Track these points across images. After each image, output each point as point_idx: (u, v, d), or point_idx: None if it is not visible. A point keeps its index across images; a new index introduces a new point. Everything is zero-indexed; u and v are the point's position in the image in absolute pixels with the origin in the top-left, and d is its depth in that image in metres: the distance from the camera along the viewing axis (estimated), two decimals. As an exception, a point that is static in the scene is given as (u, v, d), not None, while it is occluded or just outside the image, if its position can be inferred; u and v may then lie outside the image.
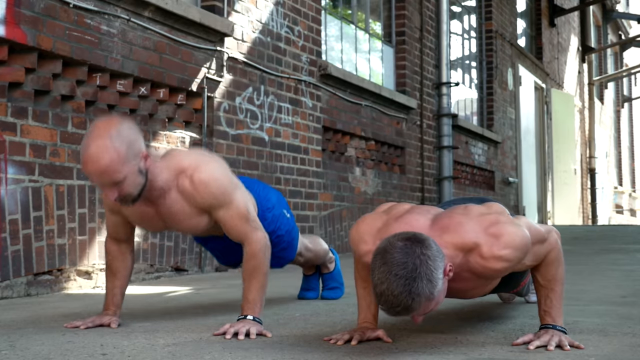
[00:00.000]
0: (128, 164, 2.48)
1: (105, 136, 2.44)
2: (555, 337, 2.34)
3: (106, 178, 2.47)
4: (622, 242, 8.04)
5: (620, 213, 20.68)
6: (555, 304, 2.42)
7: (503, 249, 2.28)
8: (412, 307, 2.09)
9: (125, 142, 2.47)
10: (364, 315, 2.55)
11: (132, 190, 2.54)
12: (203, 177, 2.66)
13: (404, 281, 2.06)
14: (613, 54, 21.98)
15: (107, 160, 2.43)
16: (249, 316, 2.65)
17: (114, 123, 2.50)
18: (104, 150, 2.43)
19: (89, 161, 2.44)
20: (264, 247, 2.74)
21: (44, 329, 2.77)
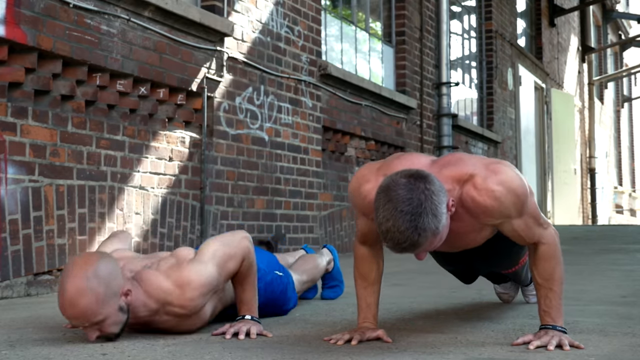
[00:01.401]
0: (107, 304, 2.37)
1: (82, 277, 2.33)
2: (555, 337, 2.33)
3: (84, 321, 2.37)
4: (622, 242, 8.04)
5: (620, 213, 20.68)
6: (555, 303, 2.41)
7: (497, 185, 2.27)
8: (419, 242, 2.09)
9: (103, 283, 2.36)
10: (363, 315, 2.55)
11: (114, 329, 2.45)
12: (192, 296, 2.52)
13: (409, 217, 2.06)
14: (613, 54, 21.97)
15: (84, 304, 2.32)
16: (248, 316, 2.66)
17: (91, 261, 2.39)
18: (80, 293, 2.32)
19: (66, 306, 2.34)
20: (249, 252, 2.69)
21: (44, 329, 2.77)
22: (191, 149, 5.16)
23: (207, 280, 2.56)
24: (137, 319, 2.54)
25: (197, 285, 2.52)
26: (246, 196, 5.67)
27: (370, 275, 2.57)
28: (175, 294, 2.51)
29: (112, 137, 4.48)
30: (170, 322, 2.59)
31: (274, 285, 3.05)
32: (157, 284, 2.53)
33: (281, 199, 6.11)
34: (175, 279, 2.53)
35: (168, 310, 2.55)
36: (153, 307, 2.53)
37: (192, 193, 5.13)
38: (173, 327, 2.63)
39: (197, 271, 2.55)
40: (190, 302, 2.52)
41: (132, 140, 4.64)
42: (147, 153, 4.75)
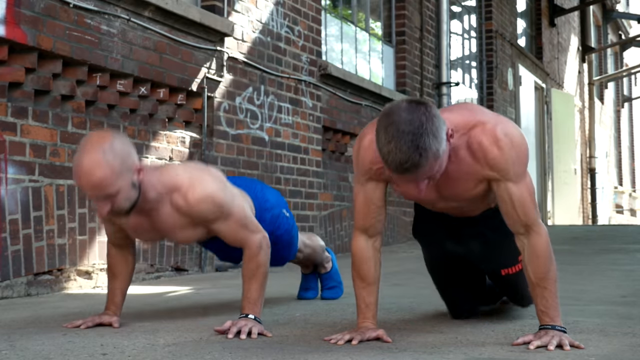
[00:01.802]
0: (121, 177, 2.47)
1: (98, 150, 2.44)
2: (555, 337, 2.33)
3: (99, 192, 2.46)
4: (622, 242, 8.04)
5: (621, 213, 20.68)
6: (552, 303, 2.41)
7: (504, 135, 2.34)
8: (420, 163, 2.12)
9: (118, 156, 2.46)
10: (363, 315, 2.55)
11: (125, 204, 2.54)
12: (197, 196, 2.63)
13: (411, 137, 2.10)
14: (613, 54, 21.97)
15: (100, 174, 2.43)
16: (250, 315, 2.66)
17: (107, 137, 2.50)
18: (97, 164, 2.42)
19: (82, 175, 2.44)
20: (264, 248, 2.75)
21: (44, 329, 2.77)
22: (191, 149, 5.16)
23: (219, 199, 2.67)
24: (144, 204, 2.62)
25: (209, 192, 2.64)
26: (246, 196, 5.67)
27: (369, 275, 2.57)
28: (185, 185, 2.63)
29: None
30: (169, 218, 2.67)
31: (281, 220, 3.09)
32: (173, 172, 2.68)
33: (281, 199, 6.11)
34: (192, 175, 2.66)
35: (173, 200, 2.64)
36: (162, 191, 2.63)
37: (192, 193, 5.13)
38: (169, 228, 2.70)
39: (217, 186, 2.68)
40: (193, 200, 2.63)
41: (132, 140, 4.63)
42: (147, 153, 4.75)
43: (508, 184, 2.38)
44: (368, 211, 2.54)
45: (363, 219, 2.55)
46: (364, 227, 2.56)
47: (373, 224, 2.55)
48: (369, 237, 2.57)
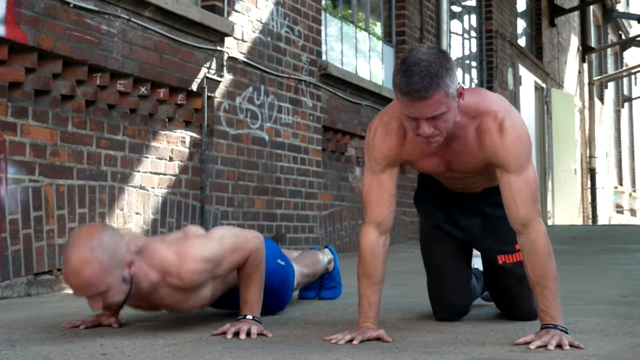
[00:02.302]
0: (111, 274, 2.40)
1: (86, 247, 2.36)
2: (555, 337, 2.33)
3: (89, 290, 2.40)
4: (622, 242, 8.04)
5: (621, 213, 20.68)
6: (552, 302, 2.41)
7: (512, 127, 2.43)
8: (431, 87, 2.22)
9: (107, 253, 2.39)
10: (364, 314, 2.55)
11: (117, 298, 2.47)
12: (190, 269, 2.54)
13: (426, 64, 2.24)
14: (613, 54, 21.97)
15: (89, 273, 2.35)
16: (249, 316, 2.66)
17: (95, 233, 2.42)
18: (85, 262, 2.35)
19: (71, 275, 2.36)
20: (260, 249, 2.72)
21: (44, 329, 2.77)
22: (191, 148, 5.16)
23: (209, 256, 2.58)
24: (140, 292, 2.55)
25: (198, 257, 2.55)
26: (246, 196, 5.67)
27: (375, 274, 2.57)
28: (175, 263, 2.53)
29: (113, 137, 4.48)
30: (170, 297, 2.60)
31: (276, 273, 3.06)
32: (159, 254, 2.56)
33: (281, 199, 6.11)
34: (177, 250, 2.56)
35: (168, 282, 2.56)
36: (154, 278, 2.55)
37: (192, 193, 5.13)
38: (173, 305, 2.65)
39: (200, 245, 2.59)
40: (188, 274, 2.54)
41: (133, 140, 4.64)
42: (147, 153, 4.75)
43: (510, 175, 2.44)
44: (381, 200, 2.57)
45: (376, 209, 2.57)
46: (376, 220, 2.57)
47: (386, 215, 2.58)
48: (381, 233, 2.59)
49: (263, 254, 2.75)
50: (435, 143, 2.39)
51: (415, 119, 2.31)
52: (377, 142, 2.55)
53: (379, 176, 2.57)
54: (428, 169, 2.67)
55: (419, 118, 2.30)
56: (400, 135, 2.53)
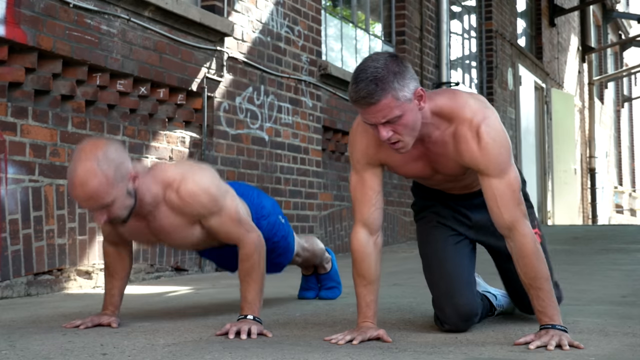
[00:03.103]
0: (116, 186, 2.44)
1: (92, 159, 2.40)
2: (555, 337, 2.33)
3: (94, 202, 2.43)
4: (622, 242, 8.04)
5: (620, 213, 20.67)
6: (548, 302, 2.40)
7: (487, 134, 2.38)
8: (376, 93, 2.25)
9: (112, 165, 2.42)
10: (363, 314, 2.55)
11: (122, 212, 2.51)
12: (189, 189, 2.61)
13: (372, 70, 2.27)
14: (613, 54, 21.97)
15: (95, 184, 2.39)
16: (249, 316, 2.66)
17: (101, 145, 2.46)
18: (91, 174, 2.38)
19: (77, 186, 2.40)
20: (259, 248, 2.74)
21: (44, 329, 2.77)
22: (191, 148, 5.16)
23: (212, 192, 2.64)
24: (142, 209, 2.60)
25: (201, 185, 2.62)
26: (246, 196, 5.67)
27: (368, 273, 2.59)
28: (177, 179, 2.61)
29: (112, 137, 4.48)
30: (166, 219, 2.65)
31: (277, 227, 3.08)
32: (167, 169, 2.65)
33: (281, 198, 6.11)
34: (185, 170, 2.64)
35: (167, 198, 2.61)
36: (156, 191, 2.60)
37: (192, 193, 5.13)
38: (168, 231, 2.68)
39: (209, 180, 2.66)
40: (186, 193, 2.59)
41: (132, 140, 4.64)
42: (147, 153, 4.75)
43: (491, 179, 2.42)
44: (366, 198, 2.60)
45: (362, 208, 2.60)
46: (363, 219, 2.59)
47: (372, 213, 2.59)
48: (370, 233, 2.60)
49: (261, 254, 2.75)
50: (403, 149, 2.40)
51: (373, 124, 2.35)
52: (357, 141, 2.59)
53: (362, 175, 2.62)
54: (414, 173, 2.63)
55: (375, 123, 2.33)
56: (379, 140, 2.50)
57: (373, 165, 2.60)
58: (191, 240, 2.78)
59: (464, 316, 2.64)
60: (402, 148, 2.40)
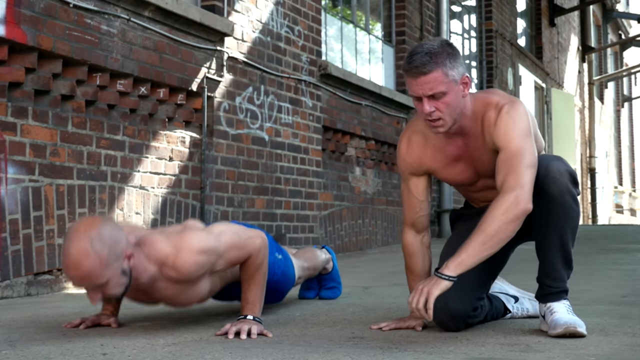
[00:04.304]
0: (110, 266, 2.39)
1: (86, 239, 2.35)
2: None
3: (89, 282, 2.39)
4: (622, 241, 8.04)
5: (621, 213, 20.68)
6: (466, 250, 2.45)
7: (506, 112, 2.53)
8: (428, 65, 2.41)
9: (106, 245, 2.38)
10: None
11: (116, 290, 2.47)
12: (186, 260, 2.54)
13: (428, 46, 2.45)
14: (613, 54, 21.97)
15: (88, 265, 2.34)
16: (249, 316, 2.66)
17: (95, 225, 2.41)
18: (84, 255, 2.34)
19: (70, 267, 2.36)
20: (263, 250, 2.73)
21: (44, 329, 2.77)
22: (191, 148, 5.16)
23: (205, 248, 2.57)
24: (139, 284, 2.55)
25: (195, 249, 2.54)
26: (246, 196, 5.67)
27: (417, 268, 2.77)
28: (171, 255, 2.53)
29: (112, 137, 4.48)
30: (167, 290, 2.60)
31: (275, 266, 3.06)
32: (158, 246, 2.56)
33: (281, 198, 6.11)
34: (175, 241, 2.56)
35: (165, 274, 2.56)
36: (152, 270, 2.55)
37: (192, 193, 5.14)
38: (171, 298, 2.65)
39: (197, 237, 2.59)
40: (184, 265, 2.53)
41: (132, 140, 4.64)
42: (147, 153, 4.75)
43: (501, 151, 2.50)
44: (411, 205, 2.78)
45: (408, 213, 2.79)
46: (410, 221, 2.79)
47: (417, 218, 2.77)
48: (417, 232, 2.79)
49: (266, 254, 2.74)
50: (441, 127, 2.52)
51: (419, 99, 2.48)
52: (401, 152, 2.76)
53: (407, 184, 2.78)
54: (456, 176, 2.72)
55: (421, 96, 2.47)
56: (422, 144, 2.70)
57: (417, 175, 2.76)
58: (198, 297, 2.73)
59: (451, 315, 2.61)
60: (441, 127, 2.53)
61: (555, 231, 2.56)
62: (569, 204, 2.53)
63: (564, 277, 2.60)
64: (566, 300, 2.59)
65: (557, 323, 2.51)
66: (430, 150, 2.70)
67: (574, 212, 2.55)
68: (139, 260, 2.52)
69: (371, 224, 7.61)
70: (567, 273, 2.61)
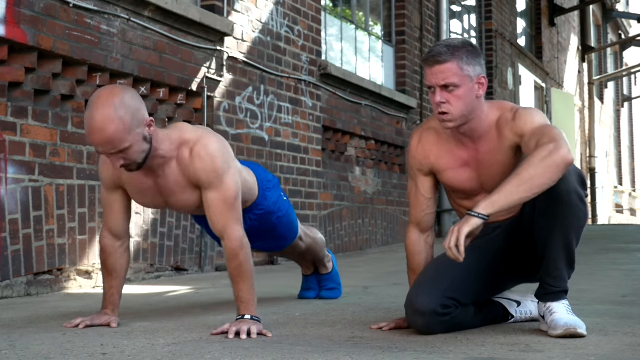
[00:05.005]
0: (133, 132, 2.51)
1: (109, 105, 2.47)
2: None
3: (112, 147, 2.50)
4: (622, 241, 8.04)
5: (621, 212, 20.68)
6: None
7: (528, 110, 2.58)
8: (446, 56, 2.46)
9: (129, 111, 2.50)
10: None
11: (138, 157, 2.57)
12: (201, 151, 2.67)
13: (449, 40, 2.53)
14: (613, 54, 21.98)
15: (112, 129, 2.46)
16: (247, 315, 2.65)
17: (117, 92, 2.53)
18: (108, 120, 2.46)
19: (95, 131, 2.47)
20: (244, 245, 2.71)
21: (44, 329, 2.77)
22: (191, 148, 5.15)
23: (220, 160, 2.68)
24: (155, 159, 2.65)
25: (213, 150, 2.68)
26: (246, 196, 5.67)
27: (419, 268, 2.75)
28: (193, 141, 2.68)
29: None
30: (173, 176, 2.70)
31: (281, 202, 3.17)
32: (184, 131, 2.72)
33: (281, 198, 6.11)
34: (201, 136, 2.70)
35: (180, 155, 2.67)
36: (171, 146, 2.67)
37: (192, 193, 5.13)
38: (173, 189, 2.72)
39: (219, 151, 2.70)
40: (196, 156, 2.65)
41: (132, 140, 4.63)
42: (147, 153, 4.74)
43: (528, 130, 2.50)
44: (418, 203, 2.76)
45: (415, 211, 2.77)
46: (416, 220, 2.77)
47: (424, 217, 2.76)
48: (422, 231, 2.78)
49: (248, 251, 2.71)
50: (450, 122, 2.53)
51: (432, 88, 2.52)
52: (412, 148, 2.76)
53: (415, 181, 2.77)
54: (460, 182, 2.70)
55: (435, 86, 2.50)
56: (433, 142, 2.71)
57: (424, 173, 2.75)
58: (193, 203, 2.79)
59: (418, 311, 2.56)
60: (450, 121, 2.53)
61: (560, 230, 2.53)
62: (576, 203, 2.52)
63: (565, 277, 2.59)
64: (566, 301, 2.59)
65: (557, 324, 2.50)
66: (440, 149, 2.70)
67: (581, 213, 2.54)
68: (161, 134, 2.66)
69: (371, 224, 7.61)
70: (568, 273, 2.60)
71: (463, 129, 2.59)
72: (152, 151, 2.62)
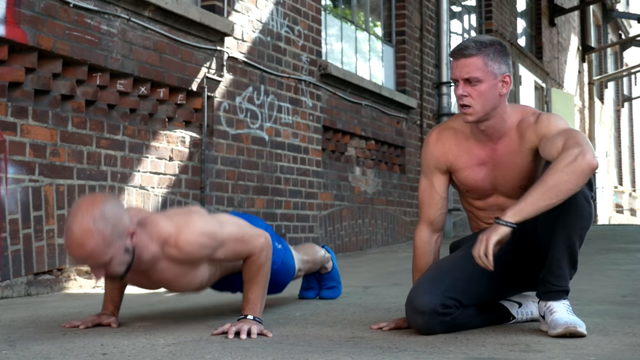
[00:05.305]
0: (113, 245, 2.39)
1: (89, 218, 2.34)
2: None
3: (92, 261, 2.40)
4: (622, 241, 8.04)
5: (621, 212, 20.67)
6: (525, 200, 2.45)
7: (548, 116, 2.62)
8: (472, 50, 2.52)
9: (109, 223, 2.37)
10: None
11: (119, 269, 2.47)
12: (188, 239, 2.55)
13: (478, 37, 2.58)
14: (613, 54, 21.97)
15: (91, 244, 2.34)
16: (250, 316, 2.66)
17: (97, 203, 2.40)
18: (87, 234, 2.33)
19: (74, 246, 2.36)
20: (266, 249, 2.73)
21: (44, 329, 2.77)
22: (191, 148, 5.16)
23: (209, 231, 2.59)
24: (140, 264, 2.56)
25: (197, 230, 2.56)
26: (246, 196, 5.67)
27: (425, 269, 2.76)
28: (173, 234, 2.55)
29: (112, 137, 4.48)
30: (168, 271, 2.61)
31: (275, 254, 3.06)
32: (161, 225, 2.57)
33: (281, 198, 6.11)
34: (177, 222, 2.58)
35: (166, 253, 2.56)
36: (154, 249, 2.55)
37: (192, 193, 5.14)
38: (171, 280, 2.65)
39: (201, 221, 2.61)
40: (186, 244, 2.54)
41: (132, 140, 4.64)
42: (147, 153, 4.75)
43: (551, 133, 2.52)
44: (432, 201, 2.77)
45: (428, 209, 2.78)
46: (428, 219, 2.78)
47: (437, 216, 2.78)
48: (433, 231, 2.80)
49: (268, 255, 2.74)
50: (470, 116, 2.56)
51: (456, 81, 2.56)
52: (429, 146, 2.78)
53: (430, 179, 2.77)
54: (472, 181, 2.72)
55: (458, 79, 2.54)
56: (451, 140, 2.72)
57: (441, 171, 2.77)
58: (197, 282, 2.73)
59: (418, 310, 2.56)
60: (470, 115, 2.57)
61: (564, 229, 2.52)
62: (582, 203, 2.51)
63: (567, 276, 2.59)
64: (566, 301, 2.59)
65: (557, 323, 2.50)
66: (459, 148, 2.72)
67: (586, 213, 2.54)
68: (142, 239, 2.52)
69: (371, 224, 7.61)
70: (570, 273, 2.60)
71: (483, 126, 2.62)
72: (135, 259, 2.51)
